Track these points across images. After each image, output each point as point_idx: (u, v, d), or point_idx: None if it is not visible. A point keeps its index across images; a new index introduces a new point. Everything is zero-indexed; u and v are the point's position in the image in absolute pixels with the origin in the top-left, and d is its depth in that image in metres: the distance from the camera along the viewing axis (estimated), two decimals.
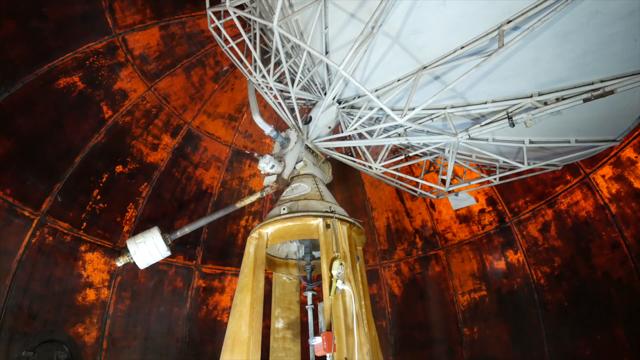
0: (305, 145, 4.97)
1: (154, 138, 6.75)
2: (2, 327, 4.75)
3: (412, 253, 7.63)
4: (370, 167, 5.07)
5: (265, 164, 4.44)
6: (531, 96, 3.77)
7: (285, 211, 4.13)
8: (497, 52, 3.04)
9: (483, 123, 3.97)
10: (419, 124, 4.36)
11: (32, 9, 4.86)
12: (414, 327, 7.28)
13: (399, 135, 4.63)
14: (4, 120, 4.95)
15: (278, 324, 4.86)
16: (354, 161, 5.18)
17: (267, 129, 4.68)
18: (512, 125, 3.76)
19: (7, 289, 4.89)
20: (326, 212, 4.08)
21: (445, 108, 4.26)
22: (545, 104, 3.69)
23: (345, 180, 7.99)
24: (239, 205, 4.37)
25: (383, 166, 5.03)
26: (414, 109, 3.73)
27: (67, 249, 5.69)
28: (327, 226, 3.94)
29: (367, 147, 5.17)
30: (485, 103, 4.05)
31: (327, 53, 4.26)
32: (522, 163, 4.44)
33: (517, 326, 6.12)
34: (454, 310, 6.94)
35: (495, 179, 4.99)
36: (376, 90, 4.33)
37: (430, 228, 7.48)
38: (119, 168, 6.38)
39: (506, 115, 3.83)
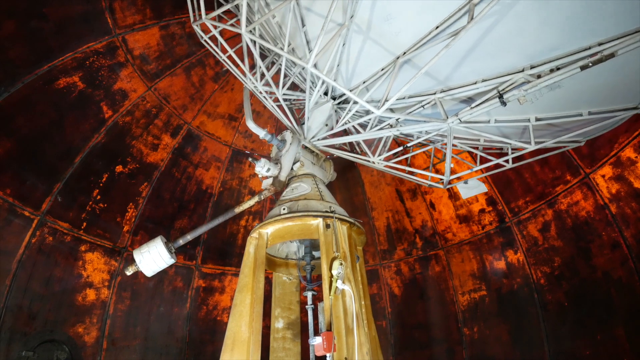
0: (304, 145, 4.99)
1: (154, 138, 6.75)
2: (2, 327, 4.75)
3: (412, 253, 7.63)
4: (373, 162, 5.00)
5: (261, 168, 4.49)
6: (523, 70, 3.43)
7: (285, 211, 4.13)
8: (466, 27, 2.85)
9: (473, 105, 3.71)
10: (409, 113, 4.21)
11: (32, 9, 4.86)
12: (414, 327, 7.28)
13: (391, 126, 4.49)
14: (4, 120, 4.95)
15: (278, 324, 4.86)
16: (356, 157, 5.13)
17: (261, 133, 4.71)
18: (504, 104, 3.47)
19: (7, 289, 4.90)
20: (326, 212, 4.08)
21: (435, 93, 4.05)
22: (539, 76, 3.32)
23: (345, 180, 7.99)
24: (237, 210, 4.39)
25: (385, 159, 4.89)
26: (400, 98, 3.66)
27: (67, 249, 5.69)
28: (327, 226, 3.94)
29: (368, 142, 5.07)
30: (475, 83, 3.78)
31: (310, 51, 4.18)
32: (529, 143, 4.12)
33: (517, 326, 6.12)
34: (454, 310, 6.94)
35: (507, 161, 4.59)
36: (364, 82, 4.21)
37: (430, 228, 7.48)
38: (119, 168, 6.38)
39: (497, 95, 3.54)
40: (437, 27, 3.28)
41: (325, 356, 3.29)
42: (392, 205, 7.87)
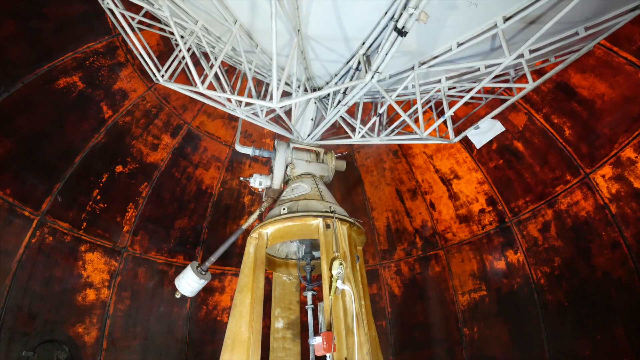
0: (297, 146, 5.06)
1: (154, 138, 6.75)
2: (2, 327, 4.75)
3: (412, 253, 7.63)
4: (369, 141, 4.98)
5: (254, 183, 4.90)
6: None
7: (285, 211, 4.13)
8: None
9: (380, 51, 3.32)
10: (352, 81, 4.08)
11: (32, 9, 4.85)
12: (414, 327, 7.28)
13: (339, 102, 4.45)
14: (4, 120, 4.95)
15: (278, 324, 4.86)
16: (344, 141, 5.16)
17: (249, 150, 5.09)
18: (402, 34, 2.94)
19: (7, 289, 4.89)
20: (326, 212, 4.08)
21: (357, 53, 3.85)
22: None
23: (345, 180, 7.99)
24: (244, 226, 4.67)
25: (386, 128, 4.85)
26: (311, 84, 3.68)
27: (67, 249, 5.69)
28: (327, 226, 3.95)
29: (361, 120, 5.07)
30: (380, 22, 3.37)
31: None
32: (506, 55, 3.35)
33: (517, 326, 6.12)
34: (454, 310, 6.94)
35: (526, 85, 3.75)
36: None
37: (430, 228, 7.48)
38: (119, 168, 6.38)
39: (393, 27, 2.93)
40: None
41: (325, 356, 3.30)
42: (392, 205, 7.87)
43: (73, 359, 5.41)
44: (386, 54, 3.29)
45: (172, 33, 4.58)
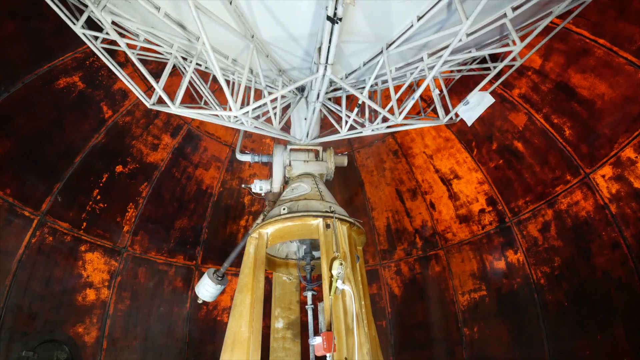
0: (292, 148, 5.10)
1: (154, 138, 6.75)
2: (2, 327, 4.75)
3: (412, 253, 7.63)
4: (360, 132, 5.01)
5: (254, 188, 5.06)
6: None
7: (285, 211, 4.13)
8: None
9: (322, 42, 3.24)
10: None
11: (32, 9, 4.85)
12: (414, 327, 7.28)
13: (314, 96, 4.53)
14: (4, 120, 4.95)
15: (278, 324, 4.87)
16: (332, 136, 5.22)
17: (248, 158, 5.30)
18: (334, 21, 2.86)
19: (7, 289, 4.89)
20: (326, 212, 4.08)
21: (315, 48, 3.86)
22: None
23: (345, 180, 7.99)
24: (251, 231, 4.63)
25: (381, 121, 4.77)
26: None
27: (67, 249, 5.69)
28: (327, 226, 3.95)
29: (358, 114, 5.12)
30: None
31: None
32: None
33: (517, 326, 6.12)
34: (454, 310, 6.94)
35: (514, 47, 3.50)
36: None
37: (430, 228, 7.48)
38: (119, 168, 6.38)
39: (326, 16, 2.85)
40: None
41: (325, 356, 3.30)
42: (392, 205, 7.87)
43: (73, 359, 5.41)
44: (329, 45, 3.19)
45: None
